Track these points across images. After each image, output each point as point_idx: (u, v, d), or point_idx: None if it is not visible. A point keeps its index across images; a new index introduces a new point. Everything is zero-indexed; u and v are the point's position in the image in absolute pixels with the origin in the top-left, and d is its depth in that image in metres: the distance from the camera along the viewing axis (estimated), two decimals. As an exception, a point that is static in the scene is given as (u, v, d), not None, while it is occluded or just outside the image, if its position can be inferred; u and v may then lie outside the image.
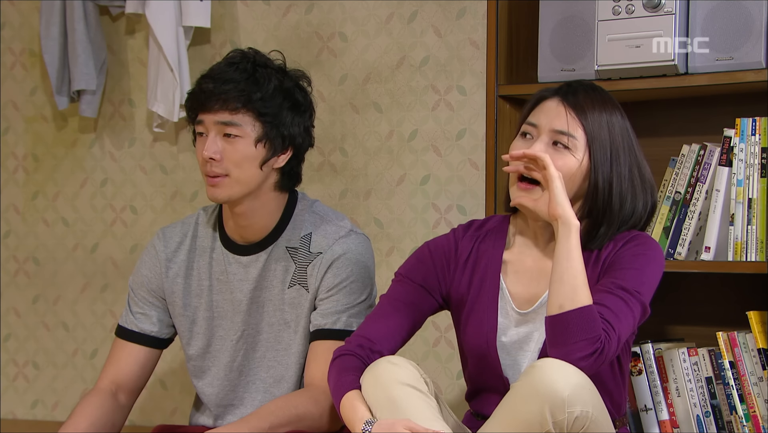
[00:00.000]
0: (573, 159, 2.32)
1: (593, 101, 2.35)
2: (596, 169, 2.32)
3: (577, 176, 2.32)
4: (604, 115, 2.34)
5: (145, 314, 2.65)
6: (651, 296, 2.30)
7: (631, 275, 2.27)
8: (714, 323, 2.81)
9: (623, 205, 2.34)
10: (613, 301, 2.22)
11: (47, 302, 3.85)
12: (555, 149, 2.32)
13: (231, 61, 2.51)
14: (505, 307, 2.38)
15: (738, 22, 2.66)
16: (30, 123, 3.88)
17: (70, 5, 3.60)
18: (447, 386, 3.29)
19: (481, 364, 2.39)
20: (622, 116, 2.38)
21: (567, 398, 2.09)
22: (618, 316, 2.21)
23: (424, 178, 3.33)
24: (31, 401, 3.88)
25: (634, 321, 2.25)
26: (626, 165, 2.35)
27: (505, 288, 2.38)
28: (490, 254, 2.41)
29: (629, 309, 2.23)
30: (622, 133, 2.36)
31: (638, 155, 2.37)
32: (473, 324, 2.39)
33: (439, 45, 3.31)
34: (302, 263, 2.56)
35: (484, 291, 2.39)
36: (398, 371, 2.25)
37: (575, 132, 2.33)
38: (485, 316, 2.37)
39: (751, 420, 2.64)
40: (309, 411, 2.44)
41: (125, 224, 3.74)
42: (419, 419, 2.19)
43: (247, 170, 2.49)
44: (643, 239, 2.34)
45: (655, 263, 2.32)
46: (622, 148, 2.35)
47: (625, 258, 2.30)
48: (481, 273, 2.41)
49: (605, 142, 2.33)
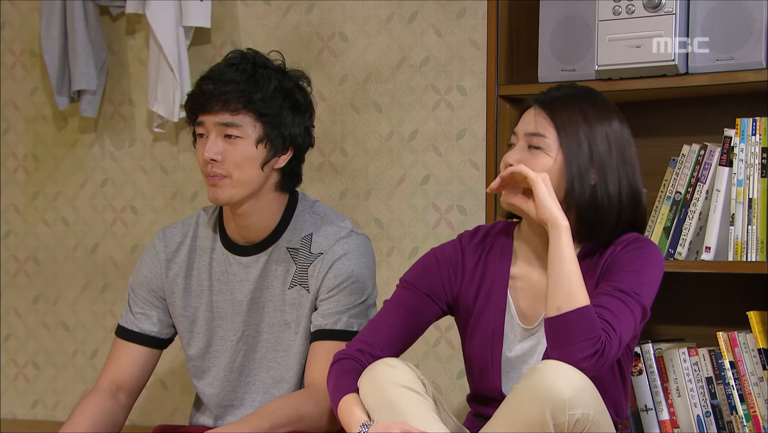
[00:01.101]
0: (547, 158, 2.31)
1: (565, 98, 2.34)
2: (570, 163, 2.30)
3: (555, 175, 2.30)
4: (576, 109, 2.32)
5: (145, 314, 2.65)
6: (651, 298, 2.29)
7: (630, 277, 2.26)
8: (714, 323, 2.81)
9: (610, 201, 2.31)
10: (613, 302, 2.22)
11: (47, 302, 3.85)
12: (530, 153, 2.32)
13: (231, 62, 2.51)
14: (511, 322, 2.38)
15: (738, 22, 2.66)
16: (30, 123, 3.88)
17: (70, 5, 3.60)
18: (447, 387, 3.29)
19: (482, 375, 2.40)
20: (604, 110, 2.34)
21: (568, 400, 2.09)
22: (618, 317, 2.20)
23: (425, 179, 3.33)
24: (32, 401, 3.88)
25: (635, 322, 2.24)
26: (610, 156, 2.31)
27: (511, 304, 2.39)
28: (496, 268, 2.41)
29: (629, 310, 2.22)
30: (603, 126, 2.32)
31: (627, 154, 2.33)
32: (479, 337, 2.39)
33: (439, 45, 3.31)
34: (303, 263, 2.55)
35: (490, 306, 2.39)
36: (395, 373, 2.25)
37: (545, 131, 2.32)
38: (491, 332, 2.38)
39: (752, 420, 2.64)
40: (309, 411, 2.44)
41: (125, 224, 3.74)
42: (416, 420, 2.19)
43: (248, 171, 2.49)
44: (642, 242, 2.33)
45: (654, 264, 2.31)
46: (602, 139, 2.31)
47: (624, 261, 2.29)
48: (488, 286, 2.40)
49: (579, 136, 2.30)
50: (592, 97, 2.36)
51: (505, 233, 2.44)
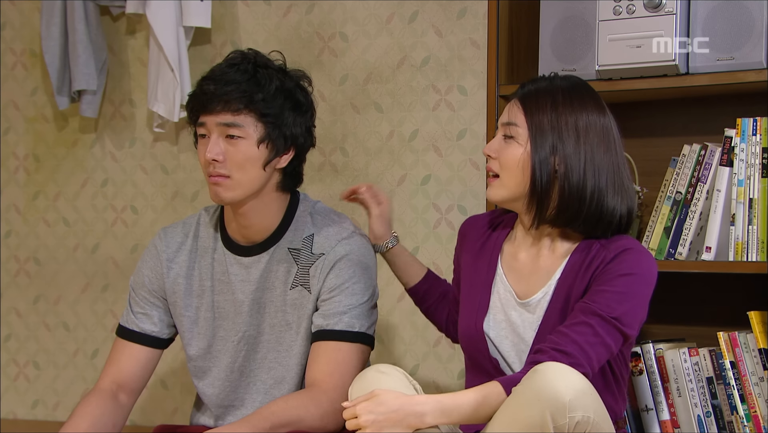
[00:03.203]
0: (517, 146, 2.33)
1: (540, 89, 2.34)
2: (535, 150, 2.30)
3: (526, 164, 2.32)
4: (548, 99, 2.32)
5: (146, 313, 2.65)
6: (635, 319, 2.28)
7: (612, 298, 2.26)
8: (715, 323, 2.81)
9: (572, 191, 2.29)
10: (583, 332, 2.22)
11: (48, 302, 3.85)
12: (505, 142, 2.35)
13: (232, 62, 2.51)
14: (499, 291, 2.41)
15: (739, 22, 2.66)
16: (31, 123, 3.88)
17: (70, 5, 3.60)
18: (448, 387, 3.29)
19: (471, 347, 2.42)
20: (579, 101, 2.32)
21: (568, 403, 2.09)
22: (584, 349, 2.21)
23: (425, 179, 3.33)
24: (32, 401, 3.88)
25: (607, 350, 2.25)
26: (578, 147, 2.30)
27: (502, 274, 2.42)
28: (494, 240, 2.45)
29: (600, 339, 2.23)
30: (574, 116, 2.30)
31: (600, 147, 2.31)
32: (467, 306, 2.44)
33: (439, 45, 3.31)
34: (304, 264, 2.55)
35: (481, 274, 2.44)
36: (386, 379, 2.27)
37: (516, 119, 2.34)
38: (479, 297, 2.41)
39: (752, 420, 2.64)
40: (310, 412, 2.44)
41: (126, 224, 3.74)
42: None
43: (249, 171, 2.49)
44: (634, 254, 2.31)
45: (642, 281, 2.29)
46: (571, 130, 2.30)
47: (609, 277, 2.28)
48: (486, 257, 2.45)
49: (544, 125, 2.30)
50: (571, 90, 2.35)
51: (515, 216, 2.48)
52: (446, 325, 2.65)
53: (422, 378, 3.28)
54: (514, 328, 2.37)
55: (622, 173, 2.33)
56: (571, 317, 2.27)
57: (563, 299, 2.33)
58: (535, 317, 2.36)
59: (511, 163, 2.32)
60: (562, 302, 2.33)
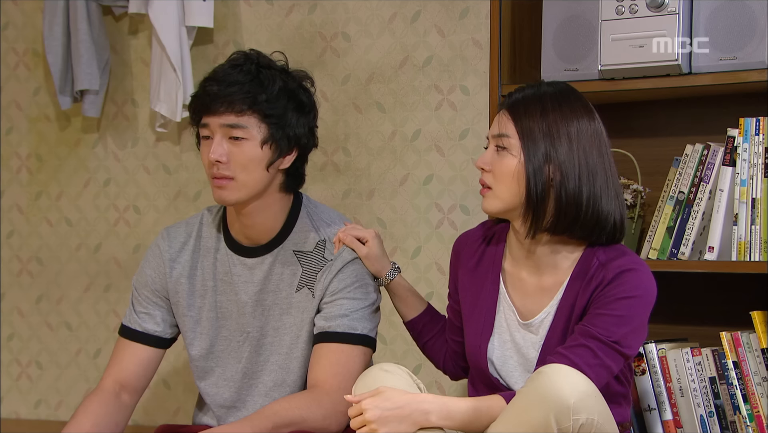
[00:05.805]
0: (511, 157, 2.30)
1: (529, 97, 2.32)
2: (528, 160, 2.28)
3: (521, 174, 2.30)
4: (538, 108, 2.30)
5: (148, 313, 2.65)
6: (636, 339, 2.28)
7: (611, 322, 2.25)
8: (717, 323, 2.81)
9: (569, 198, 2.27)
10: (583, 355, 2.22)
11: (50, 302, 3.85)
12: (498, 154, 2.32)
13: (234, 63, 2.50)
14: (504, 310, 2.39)
15: (741, 22, 2.65)
16: (33, 123, 3.88)
17: (73, 5, 3.60)
18: (448, 387, 3.29)
19: (476, 366, 2.42)
20: (570, 109, 2.31)
21: (573, 405, 2.09)
22: (584, 371, 2.20)
23: (427, 178, 3.33)
24: (35, 401, 3.88)
25: (608, 371, 2.25)
26: (571, 154, 2.28)
27: (505, 293, 2.40)
28: (491, 256, 2.43)
29: (600, 361, 2.23)
30: (566, 124, 2.28)
31: (594, 154, 2.29)
32: (471, 327, 2.42)
33: (442, 45, 3.31)
34: (312, 267, 2.55)
35: (484, 294, 2.41)
36: (390, 378, 2.27)
37: (507, 130, 2.31)
38: (484, 318, 2.39)
39: (755, 420, 2.64)
40: (312, 412, 2.44)
41: (128, 224, 3.74)
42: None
43: (253, 172, 2.48)
44: (633, 275, 2.28)
45: (641, 302, 2.28)
46: (564, 138, 2.28)
47: (608, 301, 2.27)
48: (482, 275, 2.43)
49: (536, 134, 2.28)
50: (559, 96, 2.33)
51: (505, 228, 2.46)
52: (444, 361, 2.61)
53: (424, 378, 3.28)
54: (519, 348, 2.37)
55: (614, 177, 2.32)
56: (570, 339, 2.26)
57: (565, 318, 2.32)
58: (538, 337, 2.35)
59: (505, 175, 2.30)
60: (564, 321, 2.32)
